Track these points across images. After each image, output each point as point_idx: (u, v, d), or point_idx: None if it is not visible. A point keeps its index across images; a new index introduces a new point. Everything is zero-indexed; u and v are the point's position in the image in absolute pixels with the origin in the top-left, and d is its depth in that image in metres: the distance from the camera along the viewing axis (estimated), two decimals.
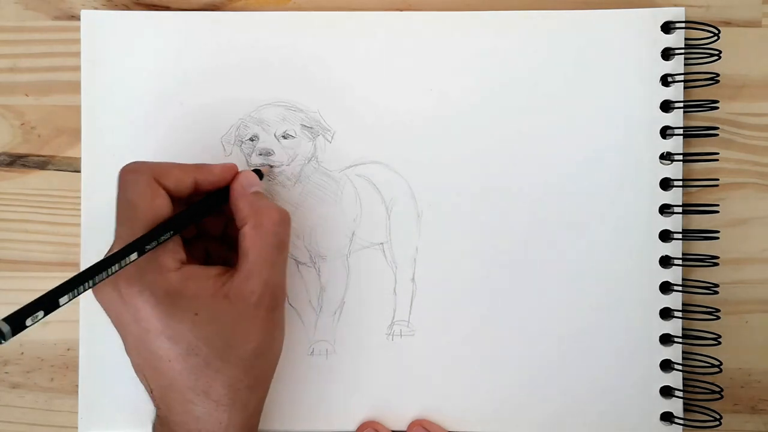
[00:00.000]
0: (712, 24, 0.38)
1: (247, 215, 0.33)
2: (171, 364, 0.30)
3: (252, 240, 0.32)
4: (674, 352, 0.39)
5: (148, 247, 0.30)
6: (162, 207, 0.32)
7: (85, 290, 0.28)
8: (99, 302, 0.31)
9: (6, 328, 0.25)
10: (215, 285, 0.31)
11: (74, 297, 0.28)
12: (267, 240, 0.32)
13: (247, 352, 0.31)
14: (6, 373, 0.40)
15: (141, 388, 0.38)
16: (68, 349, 0.40)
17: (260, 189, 0.35)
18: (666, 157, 0.39)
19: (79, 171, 0.39)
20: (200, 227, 0.36)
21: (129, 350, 0.32)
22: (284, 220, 0.33)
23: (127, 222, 0.31)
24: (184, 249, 0.33)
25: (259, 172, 0.37)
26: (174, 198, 0.33)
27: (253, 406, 0.33)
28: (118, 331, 0.31)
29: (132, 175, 0.32)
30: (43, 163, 0.40)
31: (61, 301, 0.27)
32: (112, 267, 0.29)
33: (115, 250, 0.30)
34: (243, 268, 0.32)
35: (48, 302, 0.27)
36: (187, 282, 0.31)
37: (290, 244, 0.34)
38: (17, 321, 0.26)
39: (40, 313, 0.27)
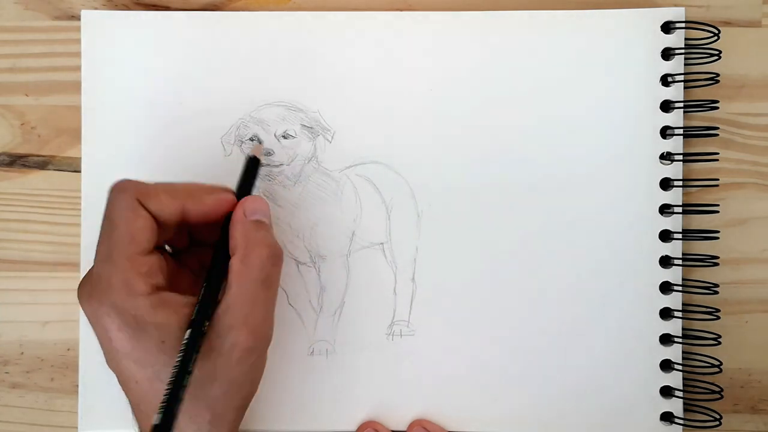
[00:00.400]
0: (712, 24, 0.38)
1: (237, 245, 0.31)
2: (138, 385, 0.30)
3: (237, 273, 0.31)
4: (674, 352, 0.39)
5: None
6: (141, 229, 0.31)
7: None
8: (83, 311, 0.31)
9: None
10: (188, 316, 0.30)
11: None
12: (252, 275, 0.31)
13: (213, 389, 0.30)
14: (6, 373, 0.40)
15: None
16: (68, 349, 0.40)
17: (264, 218, 0.33)
18: (666, 157, 0.39)
19: (79, 171, 0.39)
20: (193, 236, 0.35)
21: (107, 363, 0.31)
22: (275, 255, 0.32)
23: (106, 241, 0.31)
24: (168, 269, 0.32)
25: (256, 160, 0.35)
26: (160, 222, 0.31)
27: None
28: (98, 342, 0.31)
29: (116, 194, 0.31)
30: (43, 163, 0.40)
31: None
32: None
33: (95, 265, 0.30)
34: (224, 301, 0.31)
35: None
36: (156, 309, 0.30)
37: (290, 243, 0.34)
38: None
39: None
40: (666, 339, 0.39)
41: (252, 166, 0.35)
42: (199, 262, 0.35)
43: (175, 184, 0.33)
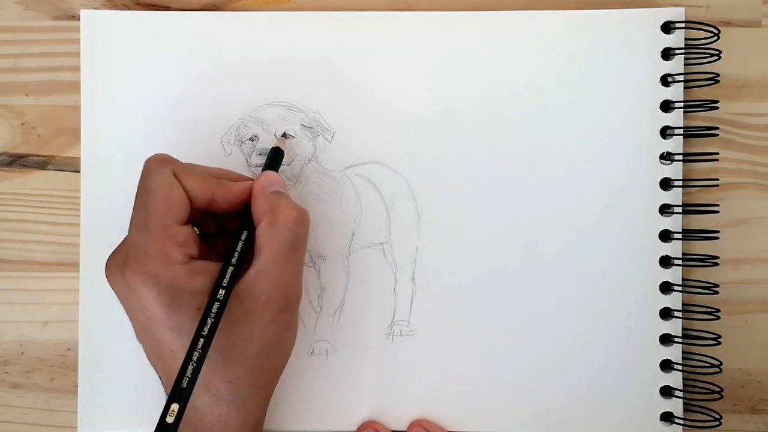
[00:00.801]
0: (712, 24, 0.38)
1: (263, 213, 0.32)
2: (173, 354, 0.30)
3: (266, 237, 0.32)
4: (674, 352, 0.39)
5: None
6: (178, 199, 0.31)
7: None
8: (110, 286, 0.31)
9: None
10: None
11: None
12: (281, 238, 0.32)
13: (250, 351, 0.31)
14: (6, 373, 0.40)
15: (141, 388, 0.38)
16: (68, 349, 0.40)
17: (282, 189, 0.34)
18: (666, 157, 0.39)
19: (79, 171, 0.39)
20: (221, 223, 0.36)
21: (137, 336, 0.32)
22: (302, 219, 0.33)
23: (141, 210, 0.31)
24: (200, 244, 0.33)
25: (279, 151, 0.37)
26: (192, 203, 0.32)
27: (255, 404, 0.32)
28: (128, 316, 0.32)
29: (154, 165, 0.32)
30: (43, 163, 0.40)
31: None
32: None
33: (129, 236, 0.31)
34: (254, 266, 0.31)
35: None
36: (192, 276, 0.30)
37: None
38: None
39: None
40: (666, 339, 0.39)
41: (275, 156, 0.36)
42: (225, 249, 0.35)
43: (207, 169, 0.34)
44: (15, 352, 0.40)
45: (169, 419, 0.28)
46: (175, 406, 0.28)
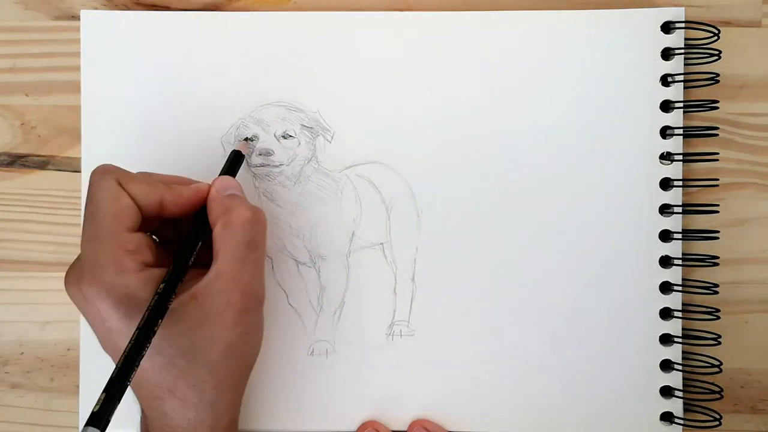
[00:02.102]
0: (712, 24, 0.38)
1: (218, 216, 0.32)
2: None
3: (222, 239, 0.31)
4: (674, 352, 0.39)
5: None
6: (125, 207, 0.31)
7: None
8: (71, 300, 0.31)
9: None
10: (180, 287, 0.31)
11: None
12: (237, 238, 0.31)
13: (213, 354, 0.31)
14: (6, 373, 0.40)
15: None
16: (68, 349, 0.40)
17: (237, 192, 0.34)
18: (666, 157, 0.39)
19: (79, 171, 0.39)
20: (180, 229, 0.35)
21: (102, 347, 0.32)
22: (257, 219, 0.32)
23: (90, 222, 0.31)
24: (156, 251, 0.32)
25: (239, 154, 0.36)
26: (141, 211, 0.32)
27: (223, 406, 0.32)
28: (91, 328, 0.31)
29: (98, 177, 0.32)
30: (43, 163, 0.40)
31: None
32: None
33: (82, 249, 0.30)
34: (212, 269, 0.31)
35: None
36: (146, 285, 0.30)
37: (290, 244, 0.34)
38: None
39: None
40: (666, 339, 0.39)
41: (235, 159, 0.36)
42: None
43: (154, 175, 0.34)
44: (15, 352, 0.40)
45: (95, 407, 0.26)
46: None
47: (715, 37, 0.38)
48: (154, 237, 0.35)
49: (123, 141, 0.39)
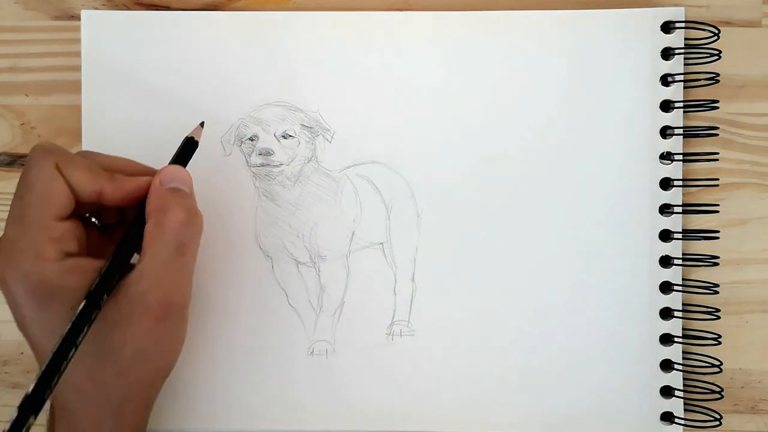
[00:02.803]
0: (712, 24, 0.38)
1: (152, 210, 0.31)
2: (45, 352, 0.29)
3: (150, 238, 0.30)
4: (674, 352, 0.39)
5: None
6: (58, 194, 0.30)
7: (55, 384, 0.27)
8: None
9: None
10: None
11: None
12: (165, 240, 0.30)
13: (122, 356, 0.30)
14: (6, 373, 0.40)
15: None
16: None
17: (182, 186, 0.32)
18: (666, 157, 0.39)
19: None
20: (123, 214, 0.34)
21: (18, 328, 0.30)
22: (191, 221, 0.31)
23: (18, 203, 0.30)
24: (84, 239, 0.31)
25: (192, 142, 0.34)
26: (78, 198, 0.30)
27: (130, 412, 0.31)
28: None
29: (36, 156, 0.30)
30: None
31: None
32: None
33: (5, 228, 0.29)
34: (136, 268, 0.30)
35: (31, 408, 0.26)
36: (66, 274, 0.29)
37: (290, 243, 0.34)
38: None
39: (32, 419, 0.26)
40: (666, 339, 0.39)
41: (187, 147, 0.34)
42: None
43: (100, 158, 0.32)
44: (15, 352, 0.40)
45: None
46: (32, 419, 0.26)
47: (715, 37, 0.38)
48: (93, 220, 0.34)
49: (123, 141, 0.39)
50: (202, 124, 0.36)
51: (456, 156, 0.39)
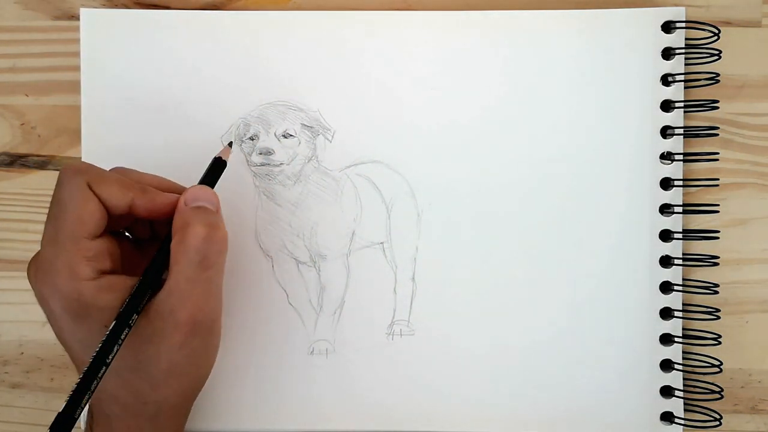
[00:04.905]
0: (713, 24, 0.38)
1: (176, 229, 0.31)
2: (82, 362, 0.30)
3: (175, 256, 0.31)
4: (674, 352, 0.39)
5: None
6: (91, 213, 0.30)
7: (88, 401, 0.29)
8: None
9: None
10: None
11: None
12: (188, 256, 0.31)
13: (157, 371, 0.31)
14: (6, 373, 0.40)
15: None
16: None
17: (207, 204, 0.32)
18: (666, 156, 0.39)
19: None
20: (155, 229, 0.35)
21: (57, 337, 0.32)
22: (212, 237, 0.31)
23: (53, 222, 0.31)
24: (118, 256, 0.32)
25: (220, 161, 0.35)
26: (110, 212, 0.31)
27: (166, 420, 0.32)
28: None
29: (67, 176, 0.31)
30: (43, 163, 0.40)
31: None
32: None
33: (41, 247, 0.30)
34: (165, 285, 0.31)
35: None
36: (100, 292, 0.30)
37: (290, 243, 0.34)
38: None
39: None
40: (666, 339, 0.39)
41: (214, 167, 0.35)
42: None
43: (132, 174, 0.33)
44: (15, 352, 0.40)
45: None
46: None
47: (716, 37, 0.38)
48: (127, 234, 0.34)
49: (123, 141, 0.39)
50: (230, 144, 0.36)
51: (456, 155, 0.39)
